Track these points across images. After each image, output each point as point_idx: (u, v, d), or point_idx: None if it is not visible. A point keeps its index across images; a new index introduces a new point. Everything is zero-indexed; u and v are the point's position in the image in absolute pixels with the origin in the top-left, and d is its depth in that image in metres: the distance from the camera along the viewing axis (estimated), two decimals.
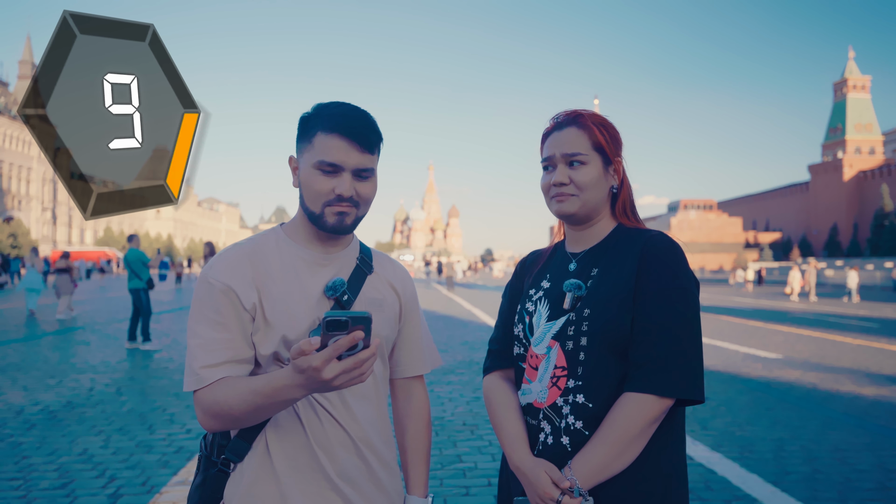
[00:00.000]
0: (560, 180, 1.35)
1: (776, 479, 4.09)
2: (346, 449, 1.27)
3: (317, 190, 1.23)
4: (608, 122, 1.40)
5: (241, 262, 1.26)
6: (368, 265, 1.38)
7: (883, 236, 78.61)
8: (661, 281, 1.26)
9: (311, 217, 1.27)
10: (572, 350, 1.29)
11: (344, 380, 1.00)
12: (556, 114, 1.41)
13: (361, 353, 1.00)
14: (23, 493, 3.80)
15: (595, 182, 1.35)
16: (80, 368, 8.15)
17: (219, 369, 1.19)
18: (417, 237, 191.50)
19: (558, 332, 1.31)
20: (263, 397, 1.10)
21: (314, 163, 1.23)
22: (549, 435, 1.30)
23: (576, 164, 1.34)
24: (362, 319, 0.99)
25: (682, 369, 1.21)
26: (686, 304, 1.25)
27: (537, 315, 1.38)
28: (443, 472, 4.17)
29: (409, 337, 1.46)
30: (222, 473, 1.27)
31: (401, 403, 1.48)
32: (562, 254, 1.46)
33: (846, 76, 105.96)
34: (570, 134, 1.35)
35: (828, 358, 9.44)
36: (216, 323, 1.21)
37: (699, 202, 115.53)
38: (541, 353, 1.34)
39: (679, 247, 1.31)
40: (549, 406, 1.31)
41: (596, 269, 1.35)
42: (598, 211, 1.39)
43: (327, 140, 1.22)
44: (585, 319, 1.28)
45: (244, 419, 1.16)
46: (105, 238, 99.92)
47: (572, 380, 1.28)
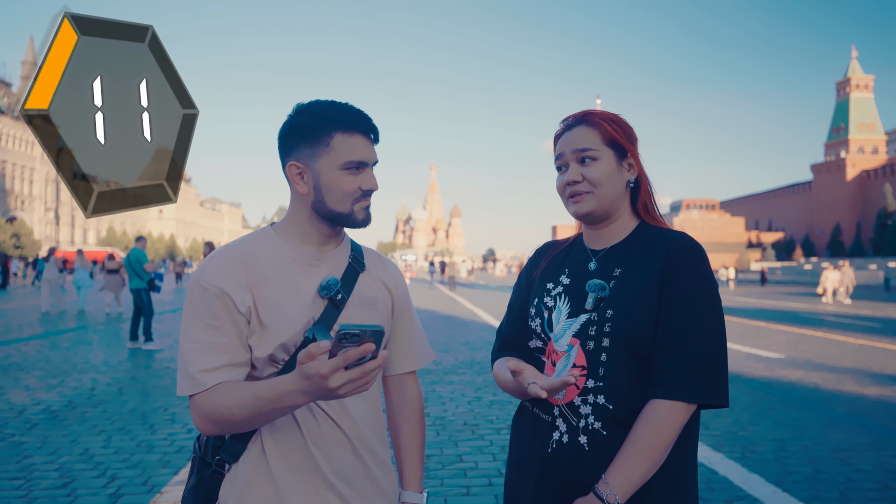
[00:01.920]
0: (573, 178, 1.34)
1: (778, 479, 4.08)
2: (343, 448, 1.26)
3: (346, 190, 1.25)
4: (619, 117, 1.38)
5: (234, 265, 1.25)
6: (361, 263, 1.38)
7: (886, 236, 78.37)
8: (688, 286, 1.25)
9: (337, 218, 1.28)
10: (593, 350, 1.28)
11: (349, 389, 1.01)
12: (567, 116, 1.41)
13: (368, 364, 1.01)
14: (24, 492, 3.81)
15: (609, 177, 1.33)
16: (81, 368, 8.16)
17: (217, 373, 1.18)
18: (420, 237, 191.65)
19: (579, 330, 1.30)
20: (266, 402, 1.09)
21: (341, 164, 1.24)
22: (564, 433, 1.29)
23: (587, 160, 1.33)
24: (376, 333, 1.00)
25: (709, 376, 1.22)
26: (712, 310, 1.26)
27: (557, 311, 1.36)
28: (443, 472, 4.16)
29: (401, 333, 1.46)
30: (217, 475, 1.26)
31: (394, 399, 1.48)
32: (581, 249, 1.44)
33: (849, 75, 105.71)
34: (579, 132, 1.35)
35: (830, 358, 9.42)
36: (211, 326, 1.20)
37: (702, 202, 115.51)
38: (561, 350, 1.33)
39: (703, 250, 1.30)
40: (566, 404, 1.29)
41: (619, 269, 1.33)
42: (616, 208, 1.36)
43: (350, 140, 1.24)
44: (608, 321, 1.27)
45: (244, 424, 1.15)
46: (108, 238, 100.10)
47: (592, 380, 1.27)
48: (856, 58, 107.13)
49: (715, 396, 1.22)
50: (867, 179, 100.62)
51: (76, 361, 8.70)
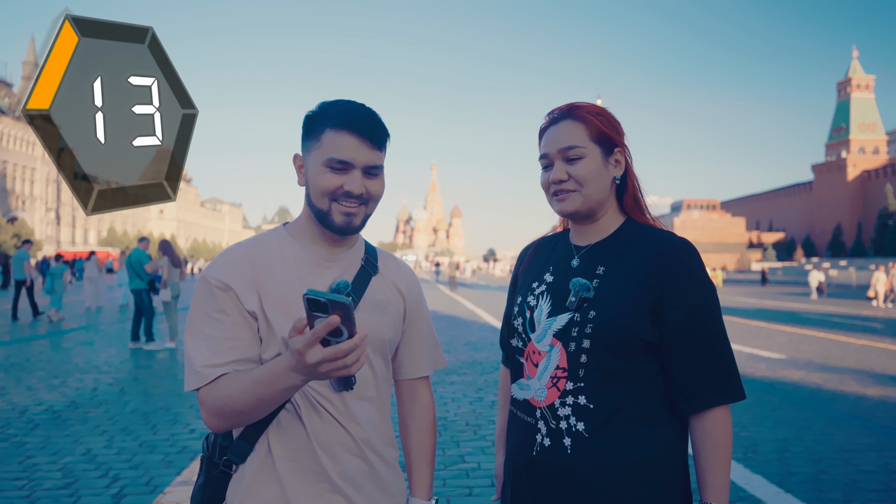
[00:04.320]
0: (558, 177, 1.31)
1: (780, 479, 4.08)
2: (349, 450, 1.25)
3: (324, 186, 1.21)
4: (606, 111, 1.35)
5: (242, 263, 1.24)
6: (374, 266, 1.36)
7: (887, 236, 78.35)
8: (694, 294, 1.27)
9: (319, 216, 1.25)
10: (574, 351, 1.26)
11: (327, 368, 0.98)
12: (552, 109, 1.37)
13: (343, 344, 0.97)
14: (27, 492, 3.81)
15: (595, 175, 1.31)
16: (83, 368, 8.17)
17: (221, 367, 1.17)
18: (420, 237, 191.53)
19: (561, 330, 1.29)
20: (265, 385, 1.08)
21: (324, 160, 1.21)
22: (545, 436, 1.28)
23: (573, 158, 1.30)
24: (340, 305, 0.96)
25: (732, 376, 1.27)
26: (716, 312, 1.29)
27: (538, 310, 1.34)
28: (446, 473, 4.16)
29: (413, 338, 1.44)
30: (224, 475, 1.26)
31: (405, 405, 1.47)
32: (565, 245, 1.42)
33: (850, 75, 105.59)
34: (565, 127, 1.31)
35: (832, 358, 9.42)
36: (217, 320, 1.20)
37: (702, 202, 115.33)
38: (542, 351, 1.31)
39: (695, 249, 1.30)
40: (546, 406, 1.28)
41: (602, 267, 1.31)
42: (602, 205, 1.34)
43: (337, 137, 1.21)
44: (590, 321, 1.26)
45: (247, 412, 1.14)
46: (108, 238, 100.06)
47: (572, 382, 1.26)
48: (857, 58, 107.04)
49: (740, 393, 1.27)
50: (868, 180, 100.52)
51: (78, 362, 8.71)
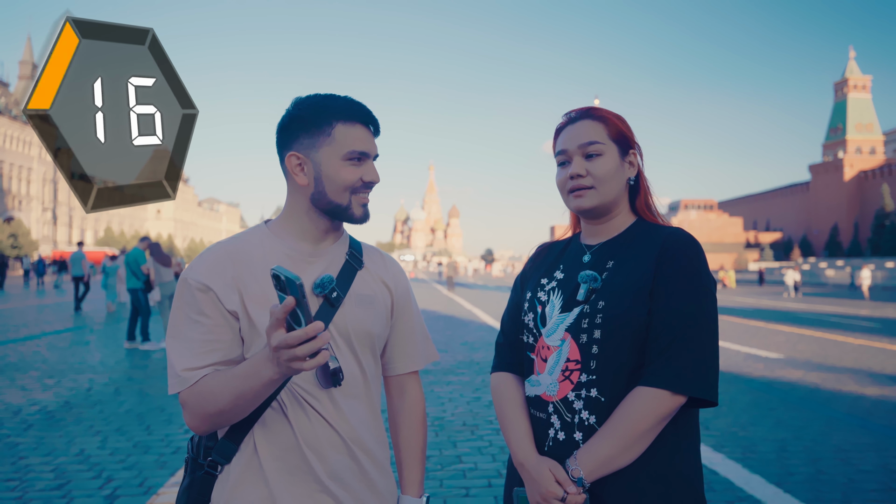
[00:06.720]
0: (577, 171, 1.33)
1: (779, 479, 4.06)
2: (337, 449, 1.23)
3: (346, 180, 1.24)
4: (621, 115, 1.40)
5: (222, 262, 1.23)
6: (358, 260, 1.35)
7: (884, 236, 78.55)
8: (682, 278, 1.24)
9: (334, 211, 1.26)
10: (586, 343, 1.26)
11: (285, 356, 0.97)
12: (569, 110, 1.41)
13: (294, 332, 0.95)
14: (19, 493, 3.77)
15: (613, 174, 1.34)
16: (78, 368, 8.12)
17: (202, 370, 1.16)
18: (418, 237, 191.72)
19: (572, 324, 1.29)
20: (243, 379, 1.07)
21: (343, 154, 1.23)
22: (559, 430, 1.27)
23: (592, 155, 1.33)
24: (292, 285, 0.94)
25: (697, 368, 1.19)
26: (705, 304, 1.24)
27: (550, 305, 1.35)
28: (442, 473, 4.14)
29: (401, 333, 1.42)
30: (209, 476, 1.23)
31: (395, 401, 1.45)
32: (577, 245, 1.44)
33: (847, 76, 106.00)
34: (585, 125, 1.35)
35: (830, 358, 9.41)
36: (198, 322, 1.19)
37: (700, 202, 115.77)
38: (553, 345, 1.31)
39: (699, 244, 1.29)
40: (559, 400, 1.28)
41: (612, 261, 1.33)
42: (616, 204, 1.37)
43: (352, 130, 1.24)
44: (600, 312, 1.26)
45: (229, 411, 1.12)
46: (105, 238, 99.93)
47: (585, 374, 1.25)
48: (854, 58, 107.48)
49: (702, 389, 1.18)
50: (865, 180, 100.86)
51: (73, 362, 8.67)
